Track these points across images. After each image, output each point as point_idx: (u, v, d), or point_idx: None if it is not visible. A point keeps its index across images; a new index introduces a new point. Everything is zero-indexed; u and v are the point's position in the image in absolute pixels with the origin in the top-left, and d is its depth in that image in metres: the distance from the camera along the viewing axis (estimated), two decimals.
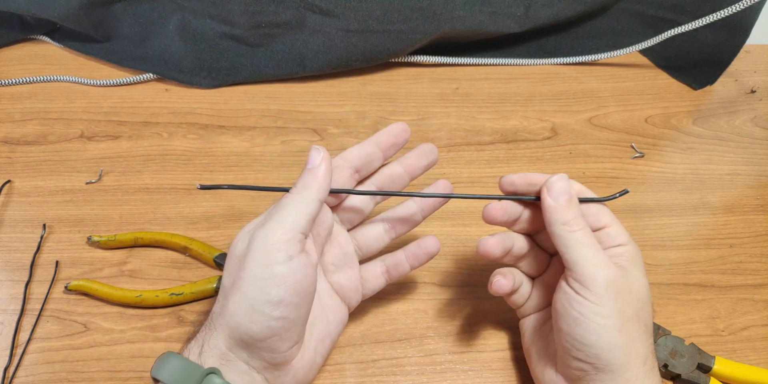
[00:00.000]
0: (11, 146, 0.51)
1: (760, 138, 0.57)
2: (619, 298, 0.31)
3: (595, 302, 0.31)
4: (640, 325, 0.32)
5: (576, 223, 0.33)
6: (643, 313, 0.33)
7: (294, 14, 0.55)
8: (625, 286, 0.32)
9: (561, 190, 0.33)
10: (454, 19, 0.57)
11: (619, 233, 0.34)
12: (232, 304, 0.30)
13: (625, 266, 0.33)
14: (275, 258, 0.30)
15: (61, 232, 0.46)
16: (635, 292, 0.33)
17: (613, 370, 0.31)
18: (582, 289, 0.32)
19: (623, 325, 0.31)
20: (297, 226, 0.31)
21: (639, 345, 0.32)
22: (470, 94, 0.59)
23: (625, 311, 0.31)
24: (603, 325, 0.31)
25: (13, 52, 0.59)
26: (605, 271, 0.32)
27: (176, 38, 0.56)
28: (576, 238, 0.32)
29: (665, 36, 0.57)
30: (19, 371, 0.39)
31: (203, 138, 0.53)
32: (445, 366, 0.40)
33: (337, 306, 0.37)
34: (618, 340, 0.31)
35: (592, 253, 0.32)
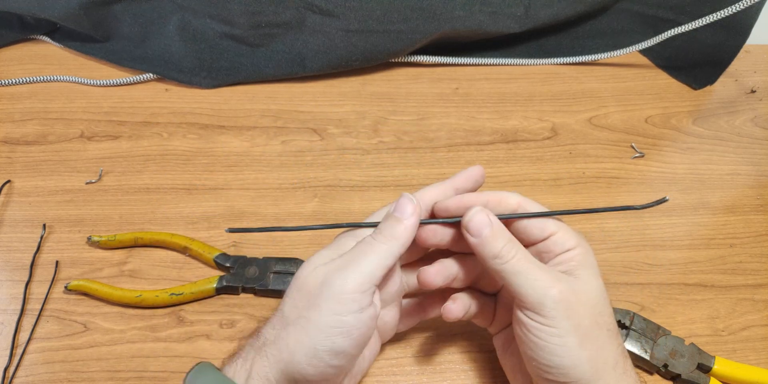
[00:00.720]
0: (11, 146, 0.51)
1: (760, 138, 0.57)
2: (572, 315, 0.31)
3: (549, 325, 0.30)
4: (602, 331, 0.32)
5: (506, 253, 0.31)
6: (603, 318, 0.32)
7: (294, 14, 0.55)
8: (575, 299, 0.31)
9: (479, 224, 0.32)
10: (454, 19, 0.57)
11: (567, 238, 0.33)
12: (294, 342, 0.30)
13: (575, 272, 0.32)
14: (348, 308, 0.30)
15: (61, 232, 0.46)
16: (589, 300, 0.32)
17: (584, 383, 0.31)
18: (534, 315, 0.31)
19: (583, 339, 0.31)
20: (374, 278, 0.31)
21: (605, 352, 0.31)
22: (470, 94, 0.59)
23: (582, 324, 0.31)
24: (562, 344, 0.30)
25: (13, 52, 0.59)
26: (550, 292, 0.30)
27: (176, 38, 0.56)
28: (511, 268, 0.31)
29: (665, 36, 0.57)
30: (19, 371, 0.39)
31: (203, 138, 0.53)
32: (445, 366, 0.40)
33: (375, 342, 0.36)
34: (581, 355, 0.31)
35: (532, 278, 0.31)
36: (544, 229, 0.33)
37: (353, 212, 0.48)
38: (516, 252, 0.32)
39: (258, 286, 0.42)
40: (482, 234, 0.32)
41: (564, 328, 0.30)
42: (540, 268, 0.32)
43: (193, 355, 0.40)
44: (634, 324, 0.41)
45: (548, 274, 0.31)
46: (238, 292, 0.43)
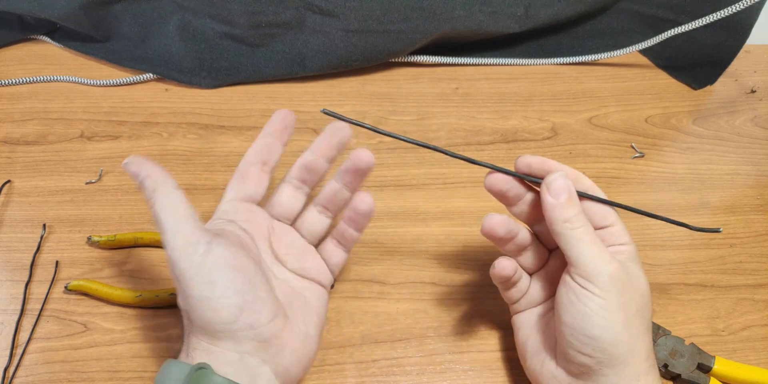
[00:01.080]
0: (11, 146, 0.51)
1: (760, 138, 0.57)
2: (624, 294, 0.32)
3: (601, 296, 0.31)
4: (644, 321, 0.33)
5: (577, 220, 0.33)
6: (646, 310, 0.33)
7: (294, 14, 0.55)
8: (628, 282, 0.32)
9: (561, 188, 0.33)
10: (454, 19, 0.57)
11: (622, 233, 0.35)
12: (184, 303, 0.32)
13: (629, 265, 0.34)
14: (189, 251, 0.32)
15: (61, 232, 0.46)
16: (638, 289, 0.33)
17: (616, 364, 0.32)
18: (587, 283, 0.32)
19: (628, 321, 0.32)
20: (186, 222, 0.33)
21: (642, 341, 0.32)
22: (470, 94, 0.59)
23: (629, 307, 0.32)
24: (609, 319, 0.31)
25: (13, 52, 0.59)
26: (609, 267, 0.32)
27: (176, 38, 0.56)
28: (577, 235, 0.33)
29: (665, 36, 0.57)
30: (19, 371, 0.39)
31: (203, 138, 0.53)
32: (445, 366, 0.40)
33: (310, 286, 0.38)
34: (623, 335, 0.31)
35: (595, 249, 0.32)
36: (605, 218, 0.35)
37: None
38: (585, 222, 0.33)
39: None
40: (561, 197, 0.33)
41: (614, 303, 0.31)
42: (602, 245, 0.33)
43: None
44: None
45: (608, 253, 0.33)
46: None
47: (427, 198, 0.50)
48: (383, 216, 0.48)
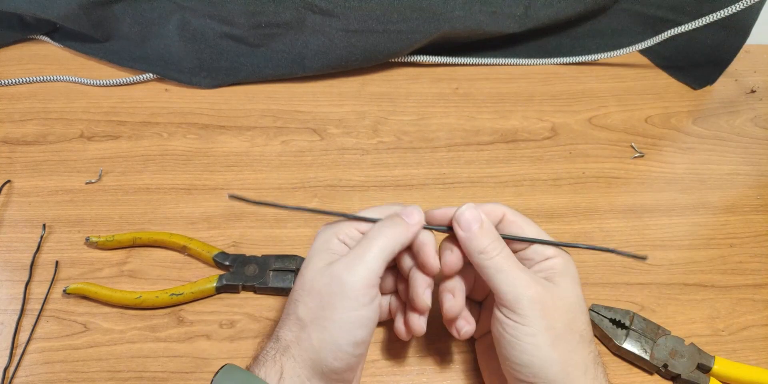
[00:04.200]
0: (11, 146, 0.51)
1: (760, 138, 0.57)
2: (546, 315, 0.32)
3: (522, 323, 0.32)
4: (574, 335, 0.32)
5: (492, 249, 0.33)
6: (577, 324, 0.33)
7: (294, 14, 0.55)
8: (551, 301, 0.32)
9: (470, 219, 0.34)
10: (453, 19, 0.57)
11: (546, 247, 0.34)
12: (317, 341, 0.31)
13: (554, 279, 0.33)
14: (362, 302, 0.32)
15: (60, 232, 0.46)
16: (564, 305, 0.33)
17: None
18: (509, 312, 0.32)
19: (555, 341, 0.31)
20: (379, 272, 0.33)
21: (576, 356, 0.32)
22: (470, 94, 0.59)
23: (555, 327, 0.32)
24: (534, 343, 0.31)
25: (13, 52, 0.59)
26: (528, 292, 0.32)
27: (176, 38, 0.56)
28: (494, 265, 0.33)
29: (665, 36, 0.57)
30: (19, 371, 0.39)
31: (203, 138, 0.53)
32: (445, 366, 0.40)
33: None
34: (552, 356, 0.31)
35: (512, 276, 0.32)
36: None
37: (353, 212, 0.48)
38: (501, 250, 0.33)
39: (258, 284, 0.42)
40: (472, 229, 0.34)
41: (537, 327, 0.31)
42: (521, 269, 0.33)
43: (193, 355, 0.40)
44: (634, 324, 0.41)
45: (528, 276, 0.33)
46: (238, 290, 0.43)
47: (427, 198, 0.50)
48: None
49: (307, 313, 0.32)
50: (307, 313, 0.32)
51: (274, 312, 0.42)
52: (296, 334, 0.32)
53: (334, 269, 0.32)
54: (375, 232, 0.34)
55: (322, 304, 0.32)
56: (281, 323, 0.34)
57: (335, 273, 0.32)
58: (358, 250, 0.33)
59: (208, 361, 0.40)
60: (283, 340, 0.32)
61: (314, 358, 0.31)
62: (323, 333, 0.31)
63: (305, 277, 0.33)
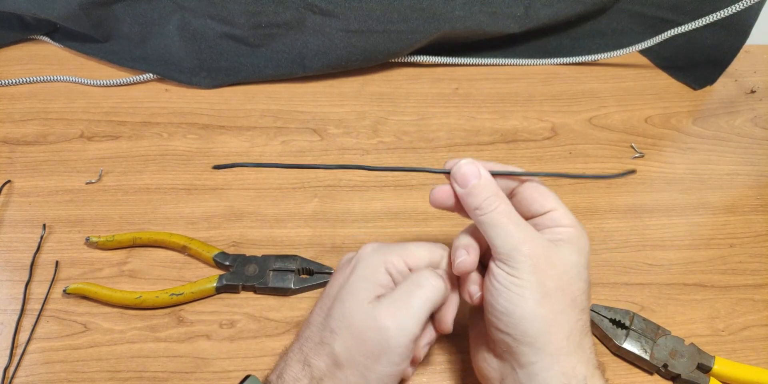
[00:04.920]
0: (11, 146, 0.51)
1: (760, 138, 0.57)
2: (537, 271, 0.32)
3: (513, 274, 0.32)
4: (565, 298, 0.32)
5: (487, 205, 0.33)
6: (571, 288, 0.33)
7: (294, 14, 0.55)
8: (547, 259, 0.32)
9: (466, 175, 0.34)
10: (453, 19, 0.57)
11: (564, 216, 0.34)
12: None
13: (560, 244, 0.33)
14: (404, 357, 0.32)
15: (61, 232, 0.46)
16: (561, 267, 0.32)
17: (532, 342, 0.31)
18: (502, 264, 0.32)
19: (543, 298, 0.31)
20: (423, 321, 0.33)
21: (562, 317, 0.32)
22: (470, 94, 0.59)
23: (545, 284, 0.32)
24: (521, 294, 0.31)
25: (13, 52, 0.59)
26: (522, 247, 0.32)
27: (176, 38, 0.56)
28: (489, 220, 0.33)
29: (665, 36, 0.57)
30: (19, 371, 0.39)
31: (203, 138, 0.53)
32: (445, 366, 0.40)
33: None
34: (536, 311, 0.31)
35: (507, 231, 0.32)
36: (544, 205, 0.34)
37: (353, 212, 0.48)
38: (497, 205, 0.33)
39: (258, 284, 0.42)
40: (468, 184, 0.34)
41: (527, 280, 0.32)
42: (518, 225, 0.33)
43: (193, 355, 0.40)
44: (634, 324, 0.41)
45: (524, 232, 0.33)
46: (238, 290, 0.43)
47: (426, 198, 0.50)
48: (383, 216, 0.48)
49: (344, 352, 0.32)
50: (345, 352, 0.32)
51: (274, 312, 0.42)
52: (331, 370, 0.32)
53: (379, 316, 0.32)
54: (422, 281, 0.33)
55: (364, 351, 0.32)
56: (312, 347, 0.33)
57: (380, 321, 0.32)
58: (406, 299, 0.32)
59: (208, 361, 0.40)
60: (316, 369, 0.32)
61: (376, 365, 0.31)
62: (361, 380, 0.32)
63: (347, 307, 0.33)
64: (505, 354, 0.33)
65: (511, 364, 0.33)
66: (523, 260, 0.32)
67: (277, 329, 0.41)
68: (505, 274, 0.32)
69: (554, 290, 0.32)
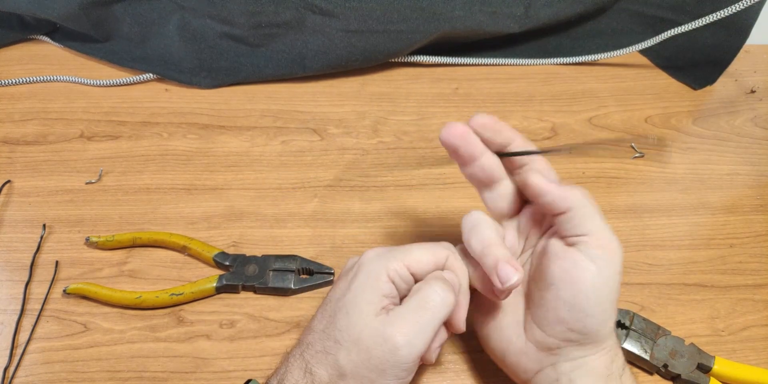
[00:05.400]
0: (11, 146, 0.51)
1: (760, 138, 0.57)
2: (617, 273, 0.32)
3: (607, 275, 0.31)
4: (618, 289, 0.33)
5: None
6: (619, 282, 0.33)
7: (294, 14, 0.55)
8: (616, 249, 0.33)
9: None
10: (453, 19, 0.57)
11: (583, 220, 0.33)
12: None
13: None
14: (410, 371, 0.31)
15: (61, 232, 0.46)
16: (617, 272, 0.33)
17: (598, 340, 0.32)
18: (598, 258, 0.31)
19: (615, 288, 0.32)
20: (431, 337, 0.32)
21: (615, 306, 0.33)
22: (470, 94, 0.59)
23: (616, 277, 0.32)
24: (608, 297, 0.31)
25: (13, 52, 0.59)
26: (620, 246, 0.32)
27: (176, 38, 0.56)
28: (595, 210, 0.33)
29: (665, 36, 0.57)
30: (19, 371, 0.39)
31: (203, 138, 0.53)
32: (445, 366, 0.40)
33: None
34: (613, 313, 0.32)
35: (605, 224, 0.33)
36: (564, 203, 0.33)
37: (353, 212, 0.48)
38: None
39: (258, 284, 0.42)
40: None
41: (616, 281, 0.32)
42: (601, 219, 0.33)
43: (193, 355, 0.40)
44: (634, 324, 0.41)
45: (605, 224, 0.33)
46: (238, 290, 0.43)
47: (427, 198, 0.50)
48: (383, 216, 0.48)
49: (349, 364, 0.31)
50: (350, 365, 0.31)
51: (273, 312, 0.42)
52: (334, 380, 0.31)
53: (388, 332, 0.30)
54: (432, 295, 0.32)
55: (370, 365, 0.31)
56: (314, 354, 0.32)
57: (389, 338, 0.30)
58: (417, 314, 0.31)
59: (208, 361, 0.40)
60: (318, 378, 0.31)
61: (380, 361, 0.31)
62: None
63: (352, 319, 0.31)
64: (557, 348, 0.33)
65: (557, 358, 0.33)
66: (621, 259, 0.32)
67: (277, 329, 0.41)
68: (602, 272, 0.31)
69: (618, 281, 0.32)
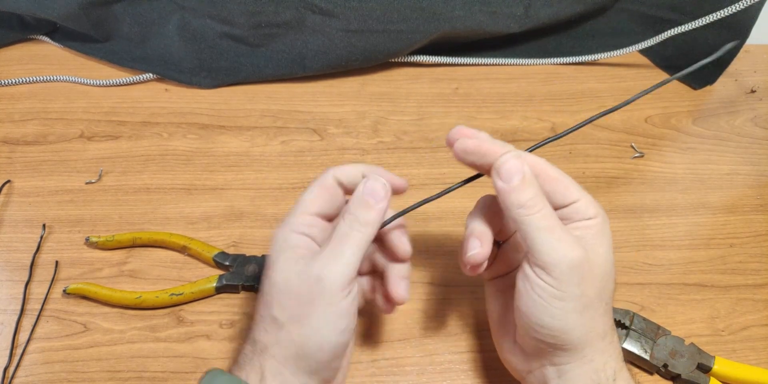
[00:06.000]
0: (11, 146, 0.51)
1: (760, 138, 0.57)
2: (581, 283, 0.30)
3: (555, 287, 0.30)
4: (602, 303, 0.31)
5: (533, 205, 0.30)
6: (606, 292, 0.32)
7: (294, 14, 0.55)
8: (588, 267, 0.30)
9: (512, 170, 0.31)
10: (453, 19, 0.57)
11: (589, 206, 0.32)
12: (298, 336, 0.30)
13: (591, 241, 0.32)
14: (341, 296, 0.30)
15: (60, 232, 0.46)
16: (598, 272, 0.31)
17: (569, 348, 0.31)
18: (543, 273, 0.30)
19: (584, 309, 0.30)
20: (357, 265, 0.31)
21: (599, 323, 0.31)
22: (470, 94, 0.59)
23: (587, 294, 0.30)
24: (562, 309, 0.30)
25: (13, 52, 0.59)
26: (567, 256, 0.30)
27: (176, 38, 0.56)
28: (533, 221, 0.30)
29: (665, 36, 0.57)
30: (19, 371, 0.39)
31: (203, 138, 0.53)
32: (445, 366, 0.40)
33: None
34: (577, 322, 0.30)
35: (554, 237, 0.30)
36: (566, 196, 0.32)
37: None
38: (543, 206, 0.31)
39: (258, 284, 0.42)
40: (513, 180, 0.31)
41: (570, 293, 0.30)
42: (563, 229, 0.31)
43: (193, 355, 0.40)
44: (634, 324, 0.41)
45: (570, 238, 0.30)
46: (238, 290, 0.43)
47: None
48: None
49: (283, 313, 0.31)
50: (284, 313, 0.31)
51: None
52: (274, 335, 0.31)
53: (311, 269, 0.30)
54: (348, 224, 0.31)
55: (300, 302, 0.30)
56: (255, 326, 0.32)
57: (313, 272, 0.30)
58: (335, 247, 0.31)
59: (208, 361, 0.40)
60: (260, 342, 0.31)
61: (297, 353, 0.30)
62: (304, 328, 0.30)
63: (275, 278, 0.31)
64: (535, 355, 0.33)
65: (541, 362, 0.33)
66: (570, 272, 0.30)
67: None
68: (547, 287, 0.30)
69: (594, 298, 0.31)
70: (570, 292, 0.30)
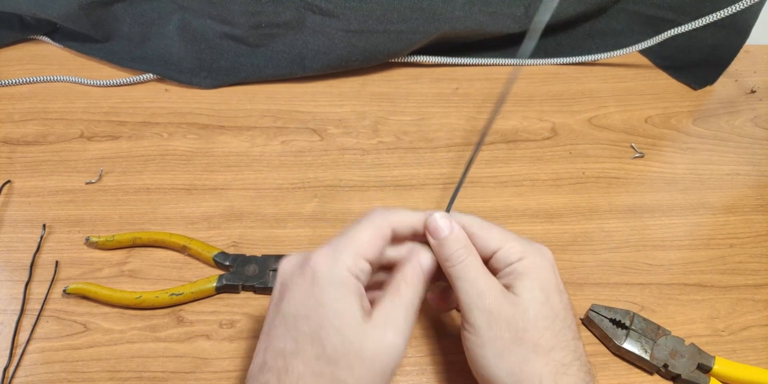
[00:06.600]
0: (11, 146, 0.51)
1: (760, 138, 0.57)
2: (493, 326, 0.32)
3: (471, 332, 0.33)
4: (526, 346, 0.31)
5: (456, 258, 0.33)
6: (531, 333, 0.32)
7: (294, 14, 0.55)
8: (501, 311, 0.32)
9: (437, 229, 0.34)
10: (454, 19, 0.57)
11: (511, 252, 0.34)
12: None
13: (515, 284, 0.33)
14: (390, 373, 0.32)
15: (60, 232, 0.46)
16: (517, 314, 0.32)
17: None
18: (463, 320, 0.33)
19: (502, 352, 0.32)
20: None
21: (528, 368, 0.31)
22: (470, 94, 0.59)
23: (502, 337, 0.32)
24: (482, 354, 0.32)
25: (13, 52, 0.59)
26: (478, 301, 0.32)
27: (176, 38, 0.56)
28: (455, 272, 0.33)
29: (665, 36, 0.57)
30: (19, 371, 0.39)
31: (203, 138, 0.53)
32: (445, 366, 0.40)
33: None
34: (500, 366, 0.32)
35: (468, 285, 0.33)
36: (487, 247, 0.34)
37: (353, 212, 0.48)
38: (465, 258, 0.33)
39: (258, 284, 0.42)
40: (440, 237, 0.34)
41: (484, 337, 0.32)
42: (481, 277, 0.33)
43: (193, 355, 0.40)
44: (634, 324, 0.41)
45: (485, 285, 0.33)
46: (238, 290, 0.43)
47: (427, 198, 0.50)
48: None
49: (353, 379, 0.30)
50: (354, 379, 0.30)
51: None
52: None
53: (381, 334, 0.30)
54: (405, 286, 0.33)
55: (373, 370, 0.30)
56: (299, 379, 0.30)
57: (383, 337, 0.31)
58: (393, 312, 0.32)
59: (208, 361, 0.40)
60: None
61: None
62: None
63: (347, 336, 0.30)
64: None
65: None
66: (479, 316, 0.32)
67: None
68: (467, 333, 0.33)
69: (511, 342, 0.32)
70: (483, 336, 0.32)
